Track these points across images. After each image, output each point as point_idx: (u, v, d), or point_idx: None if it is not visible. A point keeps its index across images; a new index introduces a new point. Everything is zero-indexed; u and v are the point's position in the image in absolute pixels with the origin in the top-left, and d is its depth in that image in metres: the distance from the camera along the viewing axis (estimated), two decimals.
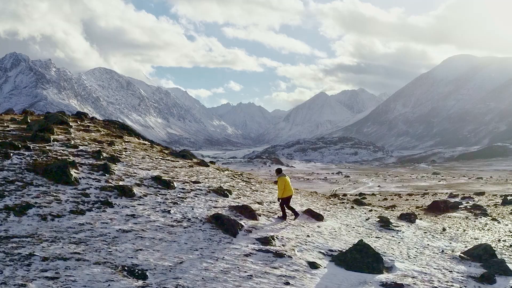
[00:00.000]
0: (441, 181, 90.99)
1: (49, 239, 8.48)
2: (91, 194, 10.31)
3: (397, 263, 9.74)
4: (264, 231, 10.45)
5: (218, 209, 11.37)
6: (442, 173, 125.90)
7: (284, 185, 12.72)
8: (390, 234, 12.93)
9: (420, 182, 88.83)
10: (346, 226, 13.26)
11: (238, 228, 9.90)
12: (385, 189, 71.77)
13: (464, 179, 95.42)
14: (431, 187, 71.17)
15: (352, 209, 16.91)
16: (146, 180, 12.34)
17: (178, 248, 8.86)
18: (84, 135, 16.02)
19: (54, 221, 9.14)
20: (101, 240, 8.72)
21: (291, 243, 10.03)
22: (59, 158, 11.74)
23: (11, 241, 8.27)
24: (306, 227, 11.91)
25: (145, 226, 9.47)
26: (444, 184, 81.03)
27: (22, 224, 8.87)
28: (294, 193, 15.37)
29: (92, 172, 11.68)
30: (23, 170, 10.66)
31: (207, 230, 9.83)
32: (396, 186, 79.42)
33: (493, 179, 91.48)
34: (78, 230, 8.95)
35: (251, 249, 9.24)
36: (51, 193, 9.91)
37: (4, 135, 13.40)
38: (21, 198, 9.49)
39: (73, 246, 8.31)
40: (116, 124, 20.31)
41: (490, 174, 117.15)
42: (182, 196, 11.83)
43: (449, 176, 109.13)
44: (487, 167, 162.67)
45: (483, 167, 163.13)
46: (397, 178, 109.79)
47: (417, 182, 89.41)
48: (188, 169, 15.63)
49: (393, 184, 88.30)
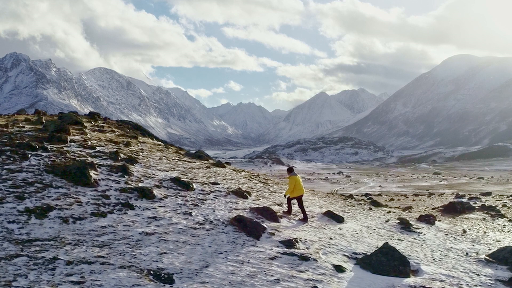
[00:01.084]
0: (442, 181, 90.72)
1: (72, 242, 8.33)
2: (111, 196, 10.15)
3: (423, 266, 9.59)
4: (287, 234, 10.30)
5: (239, 211, 11.22)
6: (443, 173, 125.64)
7: (294, 184, 12.60)
8: (411, 236, 12.78)
9: (421, 182, 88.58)
10: (367, 228, 13.11)
11: (261, 230, 9.74)
12: (386, 189, 71.57)
13: (465, 179, 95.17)
14: (433, 187, 70.98)
15: (370, 211, 16.75)
16: (165, 181, 12.18)
17: (203, 251, 8.71)
18: (99, 135, 15.86)
19: (76, 223, 8.99)
20: (124, 243, 8.56)
21: (315, 245, 9.87)
22: (77, 159, 11.59)
23: (33, 244, 8.12)
24: (327, 229, 11.76)
25: (167, 229, 9.31)
26: (445, 184, 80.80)
27: (44, 227, 8.72)
28: (312, 194, 15.24)
29: (111, 174, 11.52)
30: (42, 172, 10.50)
31: (230, 232, 9.67)
32: (398, 186, 79.22)
33: (494, 179, 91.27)
34: (101, 233, 8.80)
35: (275, 252, 9.08)
36: (71, 195, 9.75)
37: (20, 136, 13.24)
38: (41, 200, 9.34)
39: (96, 250, 8.16)
40: (129, 124, 20.14)
41: (491, 174, 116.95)
42: (202, 198, 11.68)
43: (450, 176, 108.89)
44: (488, 167, 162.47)
45: (484, 167, 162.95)
46: (398, 178, 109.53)
47: (418, 182, 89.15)
48: (205, 170, 15.48)
49: (394, 184, 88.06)
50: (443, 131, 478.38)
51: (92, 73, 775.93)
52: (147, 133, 19.59)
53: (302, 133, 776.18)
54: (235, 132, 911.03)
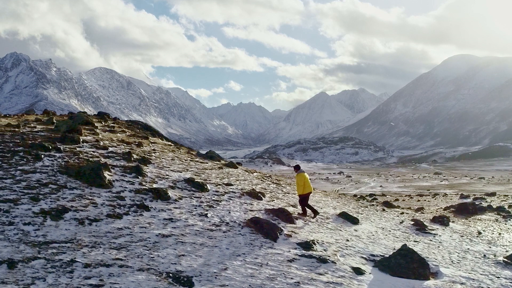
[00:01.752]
0: (443, 181, 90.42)
1: (89, 244, 8.22)
2: (126, 197, 10.04)
3: (442, 269, 9.48)
4: (304, 235, 10.18)
5: (254, 212, 11.12)
6: (443, 173, 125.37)
7: (304, 182, 12.50)
8: (427, 238, 12.68)
9: (422, 182, 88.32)
10: (382, 229, 13.00)
11: (278, 232, 9.63)
12: (387, 189, 71.38)
13: (466, 179, 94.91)
14: (433, 187, 70.78)
15: (383, 212, 16.65)
16: (179, 182, 12.07)
17: (221, 254, 8.60)
18: (111, 136, 15.75)
19: (92, 225, 8.88)
20: (142, 246, 8.46)
21: (332, 247, 9.76)
22: (90, 160, 11.48)
23: (50, 246, 8.01)
24: (343, 230, 11.65)
25: (184, 231, 9.21)
26: (446, 184, 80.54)
27: (60, 229, 8.61)
28: (324, 195, 15.13)
29: (125, 174, 11.41)
30: (55, 173, 10.39)
31: (247, 234, 9.57)
32: (398, 186, 79.00)
33: (495, 179, 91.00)
34: (117, 235, 8.69)
35: (293, 254, 8.97)
36: (86, 196, 9.65)
37: (33, 136, 13.13)
38: (56, 201, 9.22)
39: (114, 252, 8.06)
40: (138, 124, 20.02)
41: (492, 174, 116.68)
42: (216, 199, 11.58)
43: (451, 176, 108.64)
44: (488, 167, 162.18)
45: (485, 167, 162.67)
46: (399, 178, 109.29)
47: (419, 182, 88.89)
48: (218, 171, 15.37)
49: (395, 184, 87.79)
50: (443, 131, 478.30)
51: (92, 73, 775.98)
52: (156, 133, 19.47)
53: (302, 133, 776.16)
54: (235, 132, 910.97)
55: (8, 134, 12.87)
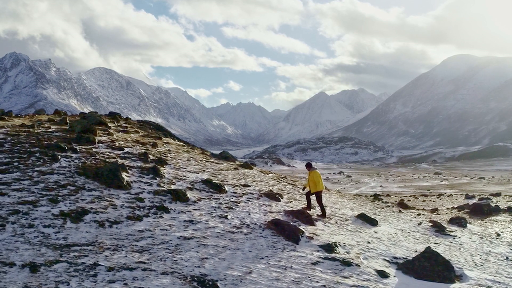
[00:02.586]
0: (443, 181, 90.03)
1: (111, 247, 8.08)
2: (145, 199, 9.90)
3: (466, 271, 9.34)
4: (325, 238, 10.05)
5: (273, 214, 10.98)
6: (443, 173, 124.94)
7: (318, 179, 12.40)
8: (447, 240, 12.54)
9: (422, 182, 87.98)
10: (401, 231, 12.87)
11: (300, 234, 9.49)
12: (387, 189, 71.11)
13: (466, 179, 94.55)
14: (434, 187, 70.52)
15: (400, 213, 16.53)
16: (196, 183, 11.94)
17: (244, 257, 8.46)
18: (125, 136, 15.60)
19: (112, 227, 8.74)
20: (164, 248, 8.32)
21: (354, 250, 9.63)
22: (107, 161, 11.33)
23: (72, 249, 7.88)
24: (363, 232, 11.52)
25: (205, 233, 9.07)
26: (446, 184, 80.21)
27: (81, 231, 8.47)
28: (340, 196, 14.99)
29: (142, 176, 11.27)
30: (73, 174, 10.24)
31: (268, 236, 9.43)
32: (399, 186, 78.69)
33: (495, 179, 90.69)
34: (139, 237, 8.55)
35: (317, 257, 8.84)
36: (105, 198, 9.50)
37: (48, 137, 12.97)
38: (75, 203, 9.08)
39: (136, 255, 7.92)
40: (150, 124, 19.87)
41: (492, 174, 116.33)
42: (235, 200, 11.44)
43: (451, 176, 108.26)
44: (488, 167, 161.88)
45: (485, 167, 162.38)
46: (399, 178, 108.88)
47: (419, 182, 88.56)
48: (234, 172, 15.24)
49: (395, 184, 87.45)
50: (442, 131, 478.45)
51: (92, 73, 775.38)
52: (168, 134, 19.32)
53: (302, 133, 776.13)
54: (235, 132, 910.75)
55: (23, 135, 12.72)
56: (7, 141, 11.76)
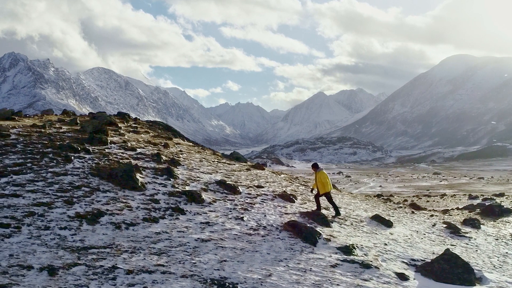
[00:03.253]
0: (443, 181, 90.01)
1: (129, 249, 7.97)
2: (160, 200, 9.78)
3: (486, 274, 9.24)
4: (342, 239, 9.94)
5: (289, 215, 10.88)
6: (443, 173, 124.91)
7: (326, 180, 12.33)
8: (463, 241, 12.46)
9: (421, 182, 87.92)
10: (417, 232, 12.78)
11: (317, 236, 9.39)
12: (387, 189, 71.06)
13: (466, 179, 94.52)
14: (433, 187, 70.51)
15: (413, 214, 16.44)
16: (211, 184, 11.83)
17: (262, 259, 8.36)
18: (136, 136, 15.49)
19: (129, 229, 8.63)
20: (182, 251, 8.21)
21: (372, 252, 9.53)
22: (121, 162, 11.21)
23: (89, 252, 7.77)
24: (379, 234, 11.42)
25: (222, 235, 8.96)
26: (445, 184, 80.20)
27: (97, 234, 8.36)
28: (352, 197, 14.89)
29: (157, 177, 11.16)
30: (87, 175, 10.12)
31: (286, 238, 9.32)
32: (398, 186, 78.64)
33: (494, 179, 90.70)
34: (156, 239, 8.44)
35: (335, 260, 8.73)
36: (120, 200, 9.38)
37: (60, 137, 12.84)
38: (91, 205, 8.96)
39: (155, 258, 7.81)
40: (159, 125, 19.75)
41: (491, 174, 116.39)
42: (250, 201, 11.34)
43: (450, 176, 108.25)
44: (487, 167, 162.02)
45: (484, 167, 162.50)
46: (398, 178, 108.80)
47: (419, 182, 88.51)
48: (246, 173, 15.14)
49: (394, 184, 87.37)
50: (441, 131, 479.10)
51: (90, 73, 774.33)
52: (177, 134, 19.19)
53: (300, 133, 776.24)
54: (233, 132, 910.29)
55: (35, 135, 12.59)
56: (19, 141, 11.65)
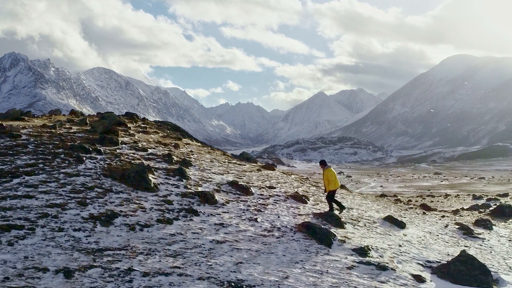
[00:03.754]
0: (443, 181, 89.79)
1: (144, 251, 7.89)
2: (173, 202, 9.70)
3: (502, 276, 9.17)
4: (357, 241, 9.86)
5: (303, 216, 10.79)
6: (443, 173, 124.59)
7: (333, 177, 12.24)
8: (477, 243, 12.39)
9: (422, 182, 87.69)
10: (430, 234, 12.70)
11: (332, 237, 9.30)
12: (388, 189, 70.88)
13: (466, 179, 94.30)
14: (434, 187, 70.32)
15: (424, 215, 16.36)
16: (223, 185, 11.76)
17: (278, 261, 8.27)
18: (145, 137, 15.42)
19: (143, 231, 8.54)
20: (197, 253, 8.13)
21: (387, 253, 9.44)
22: (133, 163, 11.13)
23: (104, 254, 7.68)
24: (392, 235, 11.34)
25: (237, 237, 8.88)
26: (446, 184, 79.99)
27: (112, 235, 8.27)
28: (363, 198, 14.79)
29: (169, 177, 11.07)
30: (99, 176, 10.03)
31: (301, 240, 9.24)
32: (399, 186, 78.44)
33: (495, 179, 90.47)
34: (171, 241, 8.36)
35: (351, 261, 8.65)
36: (133, 201, 9.29)
37: (71, 138, 12.76)
38: (104, 206, 8.87)
39: (170, 260, 7.72)
40: (168, 125, 19.66)
41: (492, 174, 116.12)
42: (262, 202, 11.26)
43: (451, 176, 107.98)
44: (488, 167, 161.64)
45: (484, 167, 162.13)
46: (399, 178, 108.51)
47: (420, 182, 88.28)
48: (257, 173, 15.06)
49: (395, 184, 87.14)
50: (441, 131, 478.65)
51: (91, 73, 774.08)
52: (186, 134, 19.11)
53: (301, 133, 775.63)
54: (234, 132, 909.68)
55: (45, 136, 12.51)
56: (30, 142, 11.57)
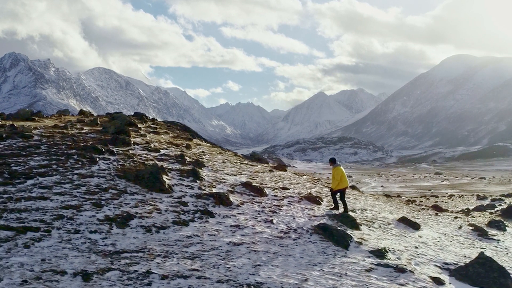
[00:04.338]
0: (444, 181, 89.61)
1: (161, 254, 7.80)
2: (188, 203, 9.61)
3: None
4: (373, 243, 9.76)
5: (318, 218, 10.70)
6: (444, 173, 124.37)
7: (340, 176, 12.17)
8: (492, 244, 12.31)
9: (423, 182, 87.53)
10: (444, 235, 12.61)
11: (349, 239, 9.21)
12: (388, 189, 70.76)
13: (467, 179, 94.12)
14: (435, 187, 70.21)
15: (437, 216, 16.28)
16: (237, 186, 11.67)
17: (296, 263, 8.18)
18: (157, 137, 15.33)
19: (159, 233, 8.45)
20: (215, 255, 8.04)
21: (404, 255, 9.35)
22: (146, 163, 11.04)
23: (122, 256, 7.59)
24: (408, 237, 11.25)
25: (254, 238, 8.78)
26: (447, 184, 79.85)
27: (128, 237, 8.18)
28: (375, 199, 14.69)
29: (182, 178, 10.98)
30: (113, 177, 9.94)
31: (317, 242, 9.14)
32: (400, 186, 78.30)
33: (496, 179, 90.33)
34: (188, 243, 8.26)
35: (369, 264, 8.56)
36: (148, 202, 9.20)
37: (83, 138, 12.67)
38: (119, 207, 8.77)
39: (188, 262, 7.63)
40: (177, 125, 19.57)
41: (492, 174, 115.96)
42: (277, 204, 11.17)
43: (451, 176, 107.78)
44: (488, 167, 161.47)
45: (485, 167, 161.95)
46: (400, 178, 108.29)
47: (420, 182, 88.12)
48: (270, 174, 14.98)
49: (396, 184, 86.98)
50: (442, 131, 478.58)
51: (91, 73, 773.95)
52: (196, 135, 19.01)
53: (301, 133, 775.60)
54: (234, 132, 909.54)
55: (58, 136, 12.42)
56: (42, 142, 11.48)
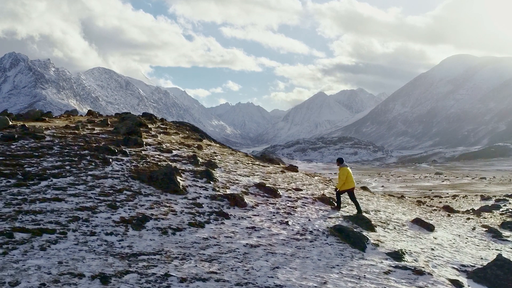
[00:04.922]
0: (445, 181, 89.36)
1: (179, 256, 7.72)
2: (203, 204, 9.52)
3: None
4: (390, 245, 9.68)
5: (333, 219, 10.62)
6: (444, 173, 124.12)
7: (346, 176, 12.07)
8: (507, 246, 12.22)
9: (423, 182, 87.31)
10: (459, 236, 12.53)
11: (365, 241, 9.12)
12: (389, 189, 70.55)
13: (468, 179, 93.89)
14: (435, 187, 70.02)
15: (449, 217, 16.20)
16: (250, 187, 11.58)
17: (314, 266, 8.10)
18: (168, 138, 15.23)
19: (175, 235, 8.36)
20: (232, 257, 7.95)
21: (421, 257, 9.27)
22: (159, 164, 10.95)
23: (139, 258, 7.51)
24: (423, 238, 11.16)
25: (270, 240, 8.70)
26: (448, 184, 79.63)
27: (144, 239, 8.09)
28: (388, 200, 14.59)
29: (196, 179, 10.89)
30: (127, 178, 9.85)
31: (334, 244, 9.05)
32: (400, 186, 78.10)
33: (496, 179, 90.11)
34: (205, 245, 8.18)
35: (387, 266, 8.47)
36: (163, 204, 9.11)
37: (95, 139, 12.58)
38: (135, 209, 8.68)
39: (206, 264, 7.55)
40: (186, 125, 19.46)
41: (493, 174, 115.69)
42: (291, 205, 11.08)
43: (452, 176, 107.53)
44: (488, 167, 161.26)
45: (485, 167, 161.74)
46: (400, 178, 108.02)
47: (421, 182, 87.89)
48: (282, 175, 14.89)
49: (396, 184, 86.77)
50: (442, 131, 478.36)
51: (91, 73, 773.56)
52: (205, 135, 18.93)
53: (301, 133, 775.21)
54: (234, 132, 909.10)
55: (70, 137, 12.33)
56: (55, 143, 11.39)
